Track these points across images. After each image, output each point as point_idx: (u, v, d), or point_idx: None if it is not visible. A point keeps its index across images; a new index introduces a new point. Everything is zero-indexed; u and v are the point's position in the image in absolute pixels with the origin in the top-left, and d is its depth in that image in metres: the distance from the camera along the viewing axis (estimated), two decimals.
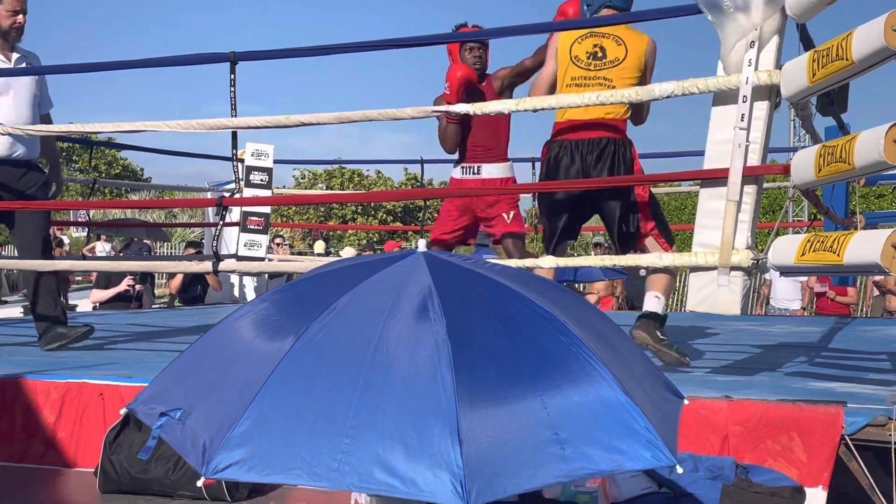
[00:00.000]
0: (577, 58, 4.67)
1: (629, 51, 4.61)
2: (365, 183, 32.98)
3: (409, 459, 1.62)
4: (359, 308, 1.91)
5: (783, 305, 10.48)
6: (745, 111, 3.74)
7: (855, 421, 3.05)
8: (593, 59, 4.66)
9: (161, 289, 13.62)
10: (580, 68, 4.66)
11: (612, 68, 4.60)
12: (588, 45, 4.67)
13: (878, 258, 2.99)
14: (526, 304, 1.94)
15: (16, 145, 5.04)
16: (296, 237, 26.40)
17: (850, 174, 3.35)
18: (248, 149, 8.48)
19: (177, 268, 8.99)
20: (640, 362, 2.12)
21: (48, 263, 5.09)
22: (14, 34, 5.12)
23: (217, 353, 2.04)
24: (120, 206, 14.35)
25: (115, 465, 3.46)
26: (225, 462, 1.69)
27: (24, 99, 5.12)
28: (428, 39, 5.03)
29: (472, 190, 5.59)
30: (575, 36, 4.68)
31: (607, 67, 4.61)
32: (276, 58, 5.27)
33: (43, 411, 3.87)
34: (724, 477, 3.00)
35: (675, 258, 4.06)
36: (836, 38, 3.31)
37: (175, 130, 4.84)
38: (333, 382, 1.75)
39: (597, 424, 1.74)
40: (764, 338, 6.15)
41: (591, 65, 4.65)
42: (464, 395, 1.67)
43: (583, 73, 4.64)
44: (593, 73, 4.62)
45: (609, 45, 4.65)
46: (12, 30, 5.09)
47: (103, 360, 4.64)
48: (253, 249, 8.35)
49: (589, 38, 4.69)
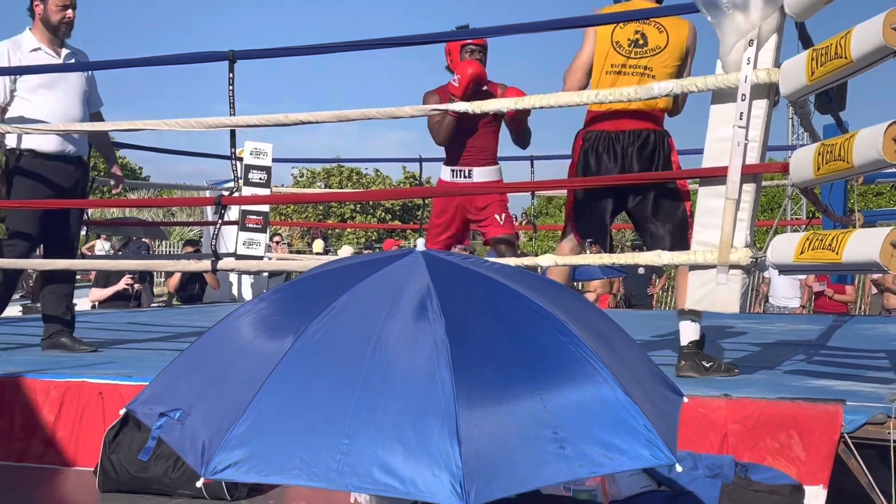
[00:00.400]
0: (618, 43, 4.46)
1: (670, 38, 4.41)
2: (363, 181, 32.99)
3: (408, 459, 1.62)
4: (358, 307, 1.91)
5: (782, 303, 10.49)
6: (743, 109, 3.74)
7: (854, 419, 3.05)
8: (635, 46, 4.45)
9: (160, 287, 13.61)
10: (621, 55, 4.45)
11: (653, 56, 4.42)
12: (630, 31, 4.47)
13: (876, 256, 3.00)
14: (525, 303, 1.94)
15: (66, 143, 5.02)
16: (294, 236, 26.41)
17: (849, 172, 3.35)
18: (246, 147, 8.47)
19: (175, 266, 9.00)
20: (640, 360, 2.12)
21: (46, 262, 5.09)
22: (63, 29, 5.07)
23: (216, 353, 2.04)
24: (118, 205, 14.33)
25: (115, 464, 3.46)
26: (224, 462, 1.68)
27: (73, 95, 5.09)
28: (423, 38, 5.01)
29: (468, 189, 5.55)
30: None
31: (648, 56, 4.43)
32: (275, 56, 5.26)
33: (42, 410, 3.88)
34: (724, 475, 3.01)
35: (674, 256, 4.06)
36: (834, 36, 3.31)
37: (174, 129, 4.84)
38: (332, 382, 1.75)
39: (596, 423, 1.74)
40: (763, 336, 6.16)
41: (633, 52, 4.45)
42: (463, 395, 1.67)
43: (623, 60, 4.44)
44: (634, 61, 4.42)
45: (651, 32, 4.45)
46: (62, 25, 5.04)
47: (102, 359, 4.65)
48: (252, 248, 8.34)
49: (631, 24, 4.47)
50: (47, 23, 5.03)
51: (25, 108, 4.97)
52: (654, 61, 4.40)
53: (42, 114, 4.96)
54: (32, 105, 4.97)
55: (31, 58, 5.03)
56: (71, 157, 5.08)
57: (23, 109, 4.97)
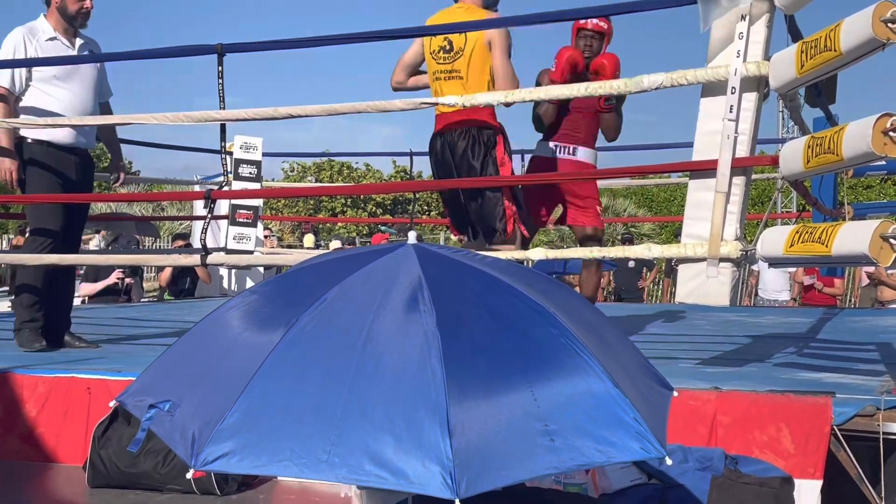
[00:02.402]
0: (433, 52, 4.85)
1: (468, 37, 4.73)
2: (354, 175, 32.95)
3: (398, 451, 1.62)
4: (349, 300, 1.91)
5: (772, 296, 10.52)
6: (733, 102, 3.74)
7: (844, 411, 3.06)
8: (443, 52, 4.82)
9: (150, 283, 13.57)
10: (436, 63, 4.84)
11: (458, 59, 4.76)
12: (439, 38, 4.80)
13: (866, 249, 3.00)
14: (516, 296, 1.94)
15: (79, 135, 4.98)
16: (285, 230, 26.35)
17: (839, 165, 3.36)
18: (236, 141, 8.45)
19: (165, 261, 8.97)
20: (630, 354, 2.12)
21: (35, 257, 5.05)
22: (80, 19, 5.00)
23: (207, 345, 2.03)
24: (107, 200, 14.21)
25: (104, 459, 3.45)
26: (214, 454, 1.68)
27: (86, 86, 5.04)
28: (410, 32, 4.99)
29: (462, 182, 5.51)
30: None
31: (454, 59, 4.78)
32: (264, 49, 5.24)
33: (30, 406, 3.86)
34: (714, 468, 3.01)
35: (665, 249, 4.06)
36: (824, 29, 3.31)
37: (162, 123, 4.81)
38: (323, 374, 1.75)
39: (586, 416, 1.74)
40: (753, 329, 6.18)
41: (442, 58, 4.83)
42: (454, 387, 1.67)
43: (438, 67, 4.82)
44: (447, 66, 4.80)
45: (454, 37, 4.77)
46: (79, 15, 4.98)
47: (92, 354, 4.63)
48: (242, 242, 8.34)
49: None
50: (64, 11, 4.96)
51: (41, 99, 4.91)
52: (460, 63, 4.76)
53: (57, 106, 4.91)
54: (48, 97, 4.92)
55: (46, 46, 4.97)
56: (80, 150, 5.05)
57: (38, 100, 4.91)
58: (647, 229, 21.55)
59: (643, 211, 26.46)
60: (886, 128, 3.00)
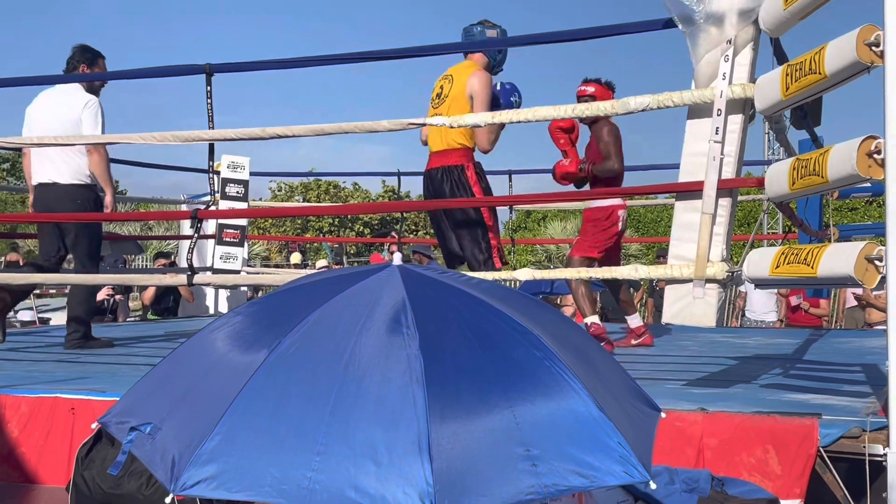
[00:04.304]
0: (432, 99, 5.45)
1: (454, 86, 5.29)
2: (342, 195, 32.94)
3: (379, 477, 1.60)
4: (332, 322, 1.89)
5: (759, 317, 10.53)
6: (719, 124, 3.76)
7: (830, 433, 3.06)
8: (437, 98, 5.42)
9: (134, 301, 13.50)
10: (431, 108, 5.42)
11: (442, 104, 5.30)
12: (437, 86, 5.47)
13: (851, 270, 3.01)
14: (500, 318, 1.92)
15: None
16: (273, 250, 26.30)
17: (824, 187, 3.37)
18: (223, 161, 8.44)
19: (150, 280, 8.92)
20: (617, 376, 2.11)
21: (23, 277, 5.03)
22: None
23: (189, 367, 2.01)
24: (94, 219, 14.14)
25: (88, 480, 3.41)
26: (194, 479, 1.66)
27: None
28: (395, 53, 5.02)
29: (440, 203, 5.57)
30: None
31: (440, 104, 5.33)
32: (251, 69, 5.25)
33: (13, 426, 3.82)
34: (700, 490, 3.00)
35: (652, 270, 4.06)
36: (809, 52, 3.33)
37: (149, 143, 4.80)
38: (305, 398, 1.73)
39: (569, 440, 1.73)
40: (739, 350, 6.18)
41: (434, 103, 5.40)
42: (435, 411, 1.66)
43: (431, 111, 5.35)
44: (434, 110, 5.32)
45: (446, 85, 5.38)
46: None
47: (76, 374, 4.59)
48: (229, 262, 8.30)
49: (439, 80, 5.46)
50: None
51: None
52: (443, 108, 5.26)
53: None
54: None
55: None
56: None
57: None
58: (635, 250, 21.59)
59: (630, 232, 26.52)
60: (871, 150, 3.01)
